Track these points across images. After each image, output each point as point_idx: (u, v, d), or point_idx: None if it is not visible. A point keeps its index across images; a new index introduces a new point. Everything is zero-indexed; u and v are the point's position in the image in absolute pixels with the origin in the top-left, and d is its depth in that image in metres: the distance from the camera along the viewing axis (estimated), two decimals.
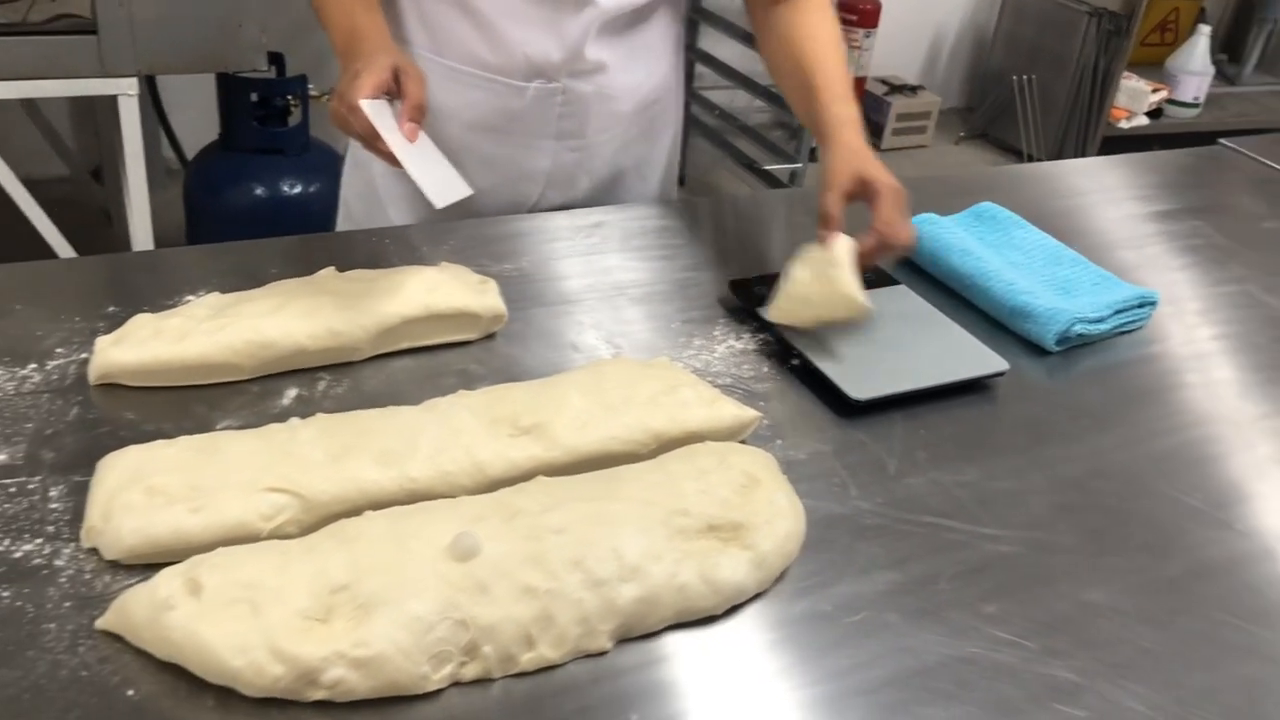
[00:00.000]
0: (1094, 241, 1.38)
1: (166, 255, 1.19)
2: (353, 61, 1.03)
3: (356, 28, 1.08)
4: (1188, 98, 4.16)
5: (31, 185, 2.25)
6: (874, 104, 4.08)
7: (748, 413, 0.95)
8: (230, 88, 2.47)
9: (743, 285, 1.15)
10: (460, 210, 1.29)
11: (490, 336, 1.05)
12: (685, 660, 0.75)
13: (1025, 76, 4.05)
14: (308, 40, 2.76)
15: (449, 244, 1.19)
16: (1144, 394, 1.11)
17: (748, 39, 3.31)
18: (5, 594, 0.73)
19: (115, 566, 0.76)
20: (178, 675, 0.69)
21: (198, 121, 2.84)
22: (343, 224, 1.40)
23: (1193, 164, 1.72)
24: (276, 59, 2.54)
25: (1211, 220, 1.50)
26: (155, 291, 1.05)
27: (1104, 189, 1.58)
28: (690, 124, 3.56)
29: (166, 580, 0.70)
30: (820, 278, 1.05)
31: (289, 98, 2.50)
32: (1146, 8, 4.31)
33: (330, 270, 1.05)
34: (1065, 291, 1.20)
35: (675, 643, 0.76)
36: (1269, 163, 1.71)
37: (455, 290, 1.02)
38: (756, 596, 0.80)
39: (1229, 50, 4.80)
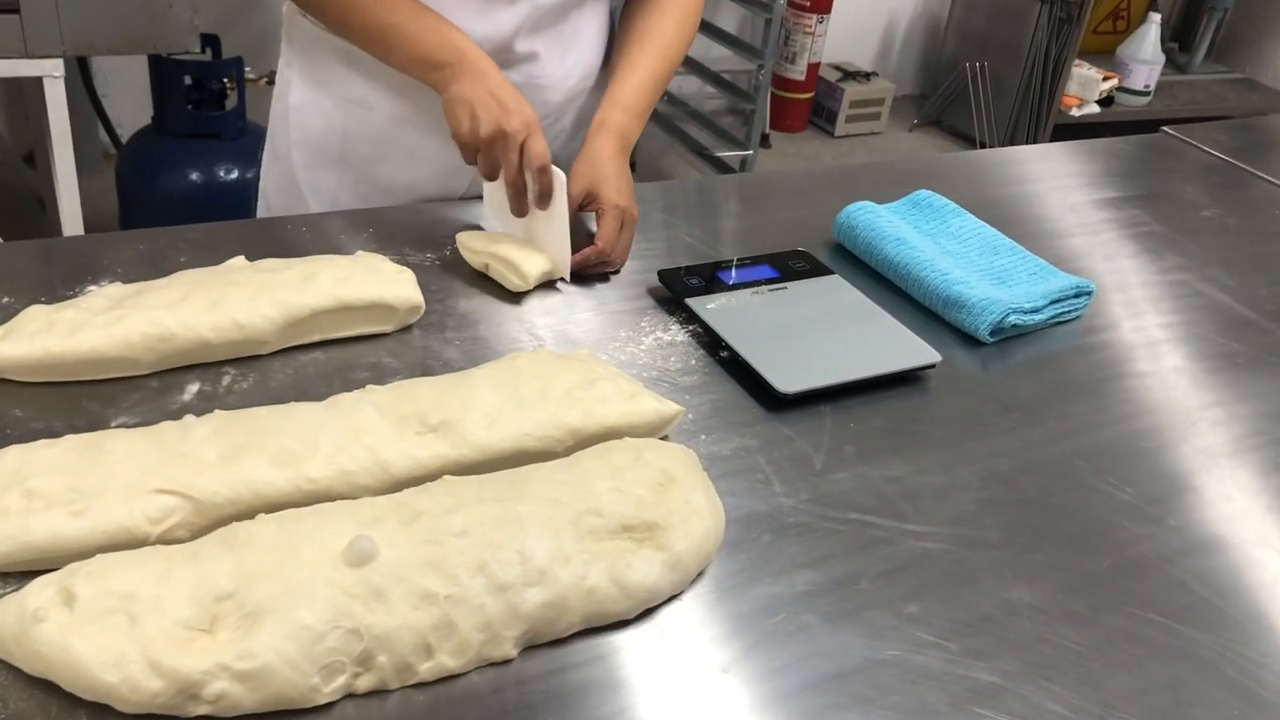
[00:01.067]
0: (1035, 229, 1.37)
1: (69, 243, 1.14)
2: (493, 91, 1.07)
3: (458, 44, 1.09)
4: (1139, 85, 4.18)
5: None
6: (827, 90, 4.06)
7: (669, 407, 0.92)
8: (163, 70, 2.40)
9: (673, 275, 1.12)
10: (385, 200, 1.27)
11: (407, 329, 1.02)
12: (594, 667, 0.72)
13: (978, 64, 4.05)
14: (245, 22, 2.70)
15: (368, 232, 1.15)
16: (1079, 386, 1.09)
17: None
18: None
19: None
20: (49, 691, 0.65)
21: (134, 105, 2.77)
22: (261, 216, 1.35)
23: (1136, 152, 1.71)
24: (212, 41, 2.48)
25: (1152, 208, 1.49)
26: (56, 281, 1.00)
27: (1047, 176, 1.56)
28: None
29: (38, 590, 0.66)
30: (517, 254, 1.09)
31: (224, 81, 2.43)
32: None
33: (240, 259, 1.01)
34: (1001, 281, 1.18)
35: (584, 649, 0.73)
36: (1211, 151, 1.70)
37: (368, 281, 0.99)
38: (671, 599, 0.78)
39: (1180, 39, 4.83)
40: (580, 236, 1.13)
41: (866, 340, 1.07)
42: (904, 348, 1.06)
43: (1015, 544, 0.87)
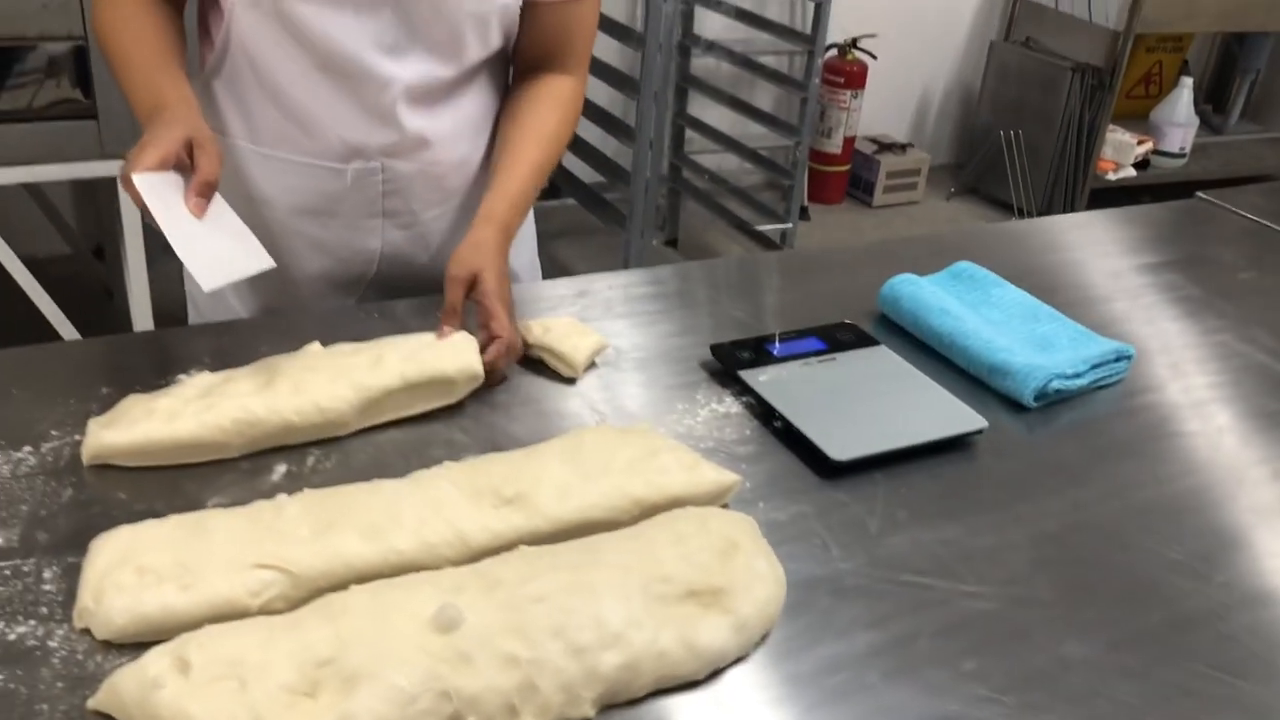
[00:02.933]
0: (1075, 296, 1.41)
1: (159, 336, 1.22)
2: (146, 130, 1.03)
3: (160, 99, 1.08)
4: (1174, 148, 4.21)
5: (35, 264, 2.30)
6: (863, 162, 4.14)
7: (728, 476, 0.96)
8: None
9: (724, 349, 1.17)
10: (289, 296, 1.29)
11: (472, 407, 1.07)
12: None
13: (1012, 132, 4.11)
14: None
15: (438, 314, 1.21)
16: (1123, 447, 1.13)
17: (735, 104, 3.37)
18: (0, 676, 0.74)
19: (107, 646, 0.77)
20: None
21: None
22: (193, 320, 1.37)
23: (1173, 217, 1.76)
24: None
25: (1190, 272, 1.53)
26: (148, 371, 1.07)
27: (1085, 244, 1.61)
28: (682, 187, 3.62)
29: (155, 659, 0.72)
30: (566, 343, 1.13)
31: None
32: (1130, 62, 4.39)
33: (315, 345, 1.07)
34: (1043, 348, 1.22)
35: (658, 709, 0.77)
36: (1246, 214, 1.74)
37: (429, 356, 1.05)
38: (738, 660, 0.81)
39: (1213, 100, 4.88)
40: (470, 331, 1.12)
41: (915, 408, 1.11)
42: (951, 414, 1.11)
43: (1067, 601, 0.91)
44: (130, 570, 0.79)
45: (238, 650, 0.72)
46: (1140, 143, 4.12)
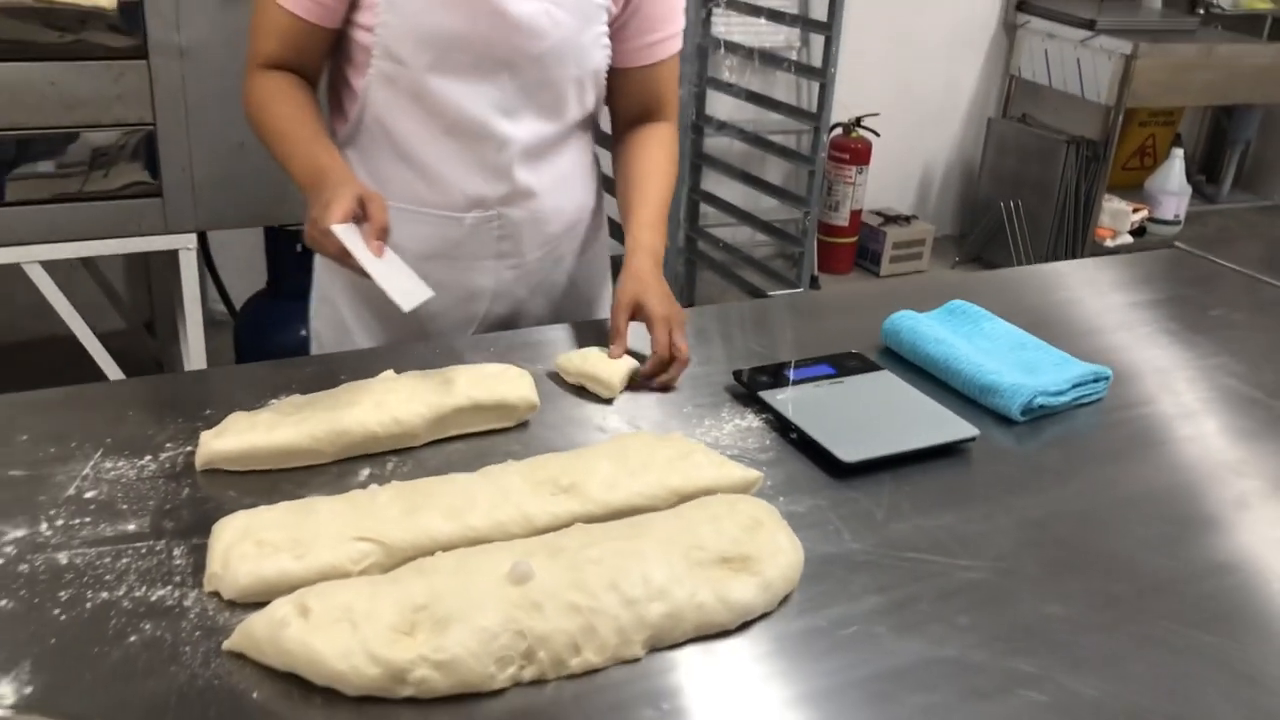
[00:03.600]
0: (1061, 330, 1.55)
1: (252, 368, 1.37)
2: (320, 193, 1.21)
3: (321, 167, 1.27)
4: (1168, 216, 4.39)
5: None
6: (870, 234, 4.33)
7: (752, 473, 1.11)
8: (277, 239, 2.71)
9: (745, 373, 1.32)
10: (412, 330, 1.46)
11: (526, 424, 1.23)
12: (705, 666, 0.90)
13: (1012, 203, 4.30)
14: None
15: (490, 350, 1.38)
16: (1102, 453, 1.27)
17: (746, 179, 3.57)
18: (147, 627, 0.89)
19: (233, 605, 0.92)
20: (291, 682, 0.84)
21: (236, 273, 3.08)
22: (315, 353, 1.55)
23: (1151, 264, 1.91)
24: None
25: (1166, 309, 1.68)
26: (244, 396, 1.23)
27: (1071, 287, 1.77)
28: (698, 258, 3.80)
29: (281, 606, 0.86)
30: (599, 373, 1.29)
31: None
32: (1124, 135, 4.60)
33: (390, 372, 1.23)
34: (1029, 370, 1.37)
35: (697, 651, 0.91)
36: (1215, 260, 1.90)
37: (495, 384, 1.20)
38: (764, 616, 0.95)
39: (1207, 171, 5.08)
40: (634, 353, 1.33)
41: (915, 420, 1.26)
42: (947, 424, 1.25)
43: (1049, 573, 1.04)
44: (250, 543, 0.94)
45: (348, 599, 0.87)
46: (1136, 210, 4.30)
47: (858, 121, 4.10)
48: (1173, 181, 4.36)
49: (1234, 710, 0.89)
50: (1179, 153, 4.38)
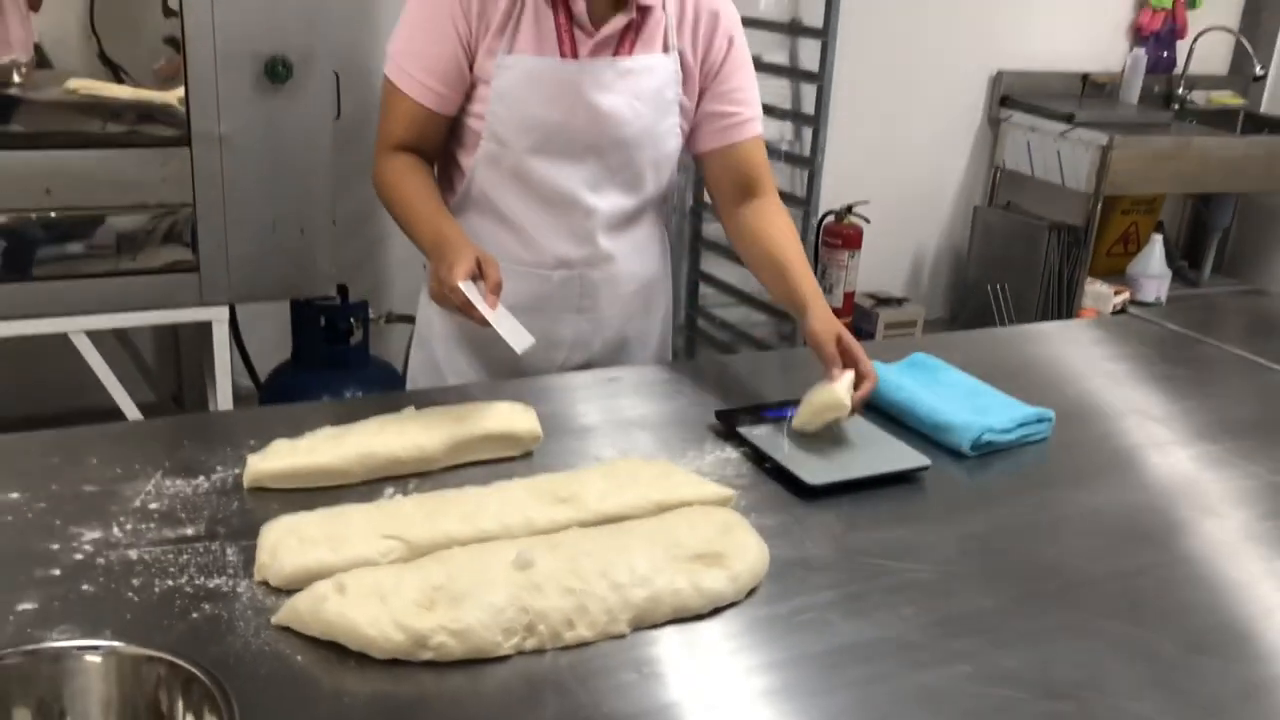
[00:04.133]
0: (1019, 383, 1.72)
1: (285, 409, 1.55)
2: (445, 256, 1.41)
3: (442, 233, 1.48)
4: (1149, 298, 4.57)
5: (119, 411, 2.64)
6: (863, 315, 4.51)
7: (725, 490, 1.28)
8: (302, 313, 2.90)
9: (726, 413, 1.49)
10: (506, 371, 1.66)
11: (531, 454, 1.39)
12: (680, 643, 1.06)
13: (999, 286, 4.49)
14: (367, 270, 3.23)
15: (501, 395, 1.54)
16: (1041, 482, 1.44)
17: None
18: (206, 607, 1.05)
19: (278, 591, 1.07)
20: (329, 649, 1.00)
21: (260, 345, 3.27)
22: (409, 388, 1.76)
23: (1107, 327, 2.09)
24: (340, 288, 2.99)
25: (1117, 365, 1.85)
26: (282, 429, 1.39)
27: (1033, 345, 1.94)
28: (698, 335, 3.99)
29: (321, 585, 1.02)
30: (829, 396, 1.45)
31: (351, 320, 2.92)
32: (1107, 223, 4.81)
33: (411, 409, 1.40)
34: (979, 412, 1.53)
35: (674, 631, 1.07)
36: (1163, 323, 2.07)
37: (504, 417, 1.37)
38: (733, 604, 1.11)
39: (1189, 257, 5.27)
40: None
41: (874, 452, 1.42)
42: (903, 455, 1.42)
43: (984, 574, 1.20)
44: (294, 540, 1.10)
45: (377, 579, 1.03)
46: (1118, 293, 4.49)
47: (849, 209, 4.31)
48: (1153, 266, 4.55)
49: (1131, 677, 1.04)
50: (1159, 238, 4.58)
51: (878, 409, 1.59)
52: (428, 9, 1.54)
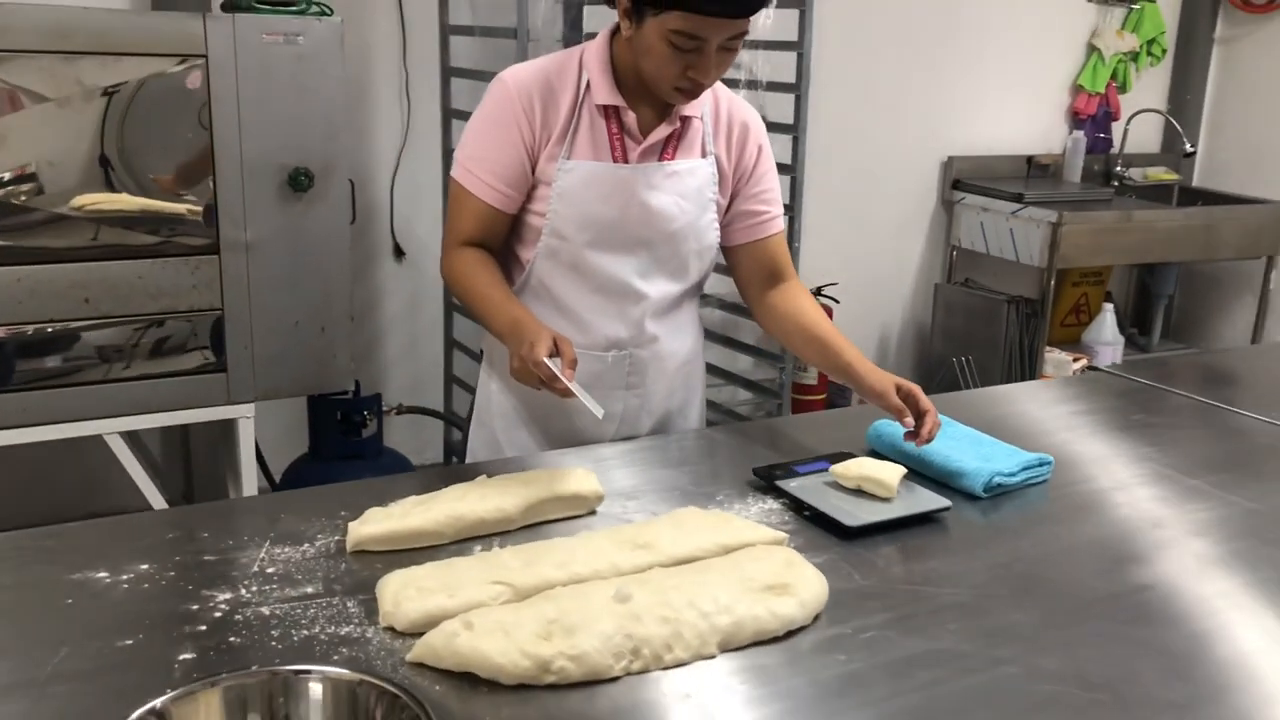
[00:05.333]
0: (1011, 433, 1.90)
1: (364, 483, 1.68)
2: (524, 336, 1.59)
3: (517, 317, 1.65)
4: (1105, 364, 4.82)
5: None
6: (838, 391, 4.71)
7: (779, 534, 1.44)
8: (319, 407, 3.03)
9: (763, 469, 1.65)
10: (560, 443, 1.81)
11: (595, 512, 1.54)
12: (766, 660, 1.20)
13: (963, 358, 4.72)
14: (372, 363, 3.38)
15: (559, 464, 1.70)
16: (1049, 517, 1.61)
17: (725, 341, 3.97)
18: (345, 650, 1.18)
19: (403, 636, 1.21)
20: (460, 679, 1.13)
21: (275, 443, 3.39)
22: (469, 460, 1.92)
23: (1079, 384, 2.29)
24: (354, 382, 3.13)
25: (1093, 416, 2.05)
26: (367, 500, 1.53)
27: (1015, 401, 2.13)
28: None
29: (451, 624, 1.16)
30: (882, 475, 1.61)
31: (365, 413, 3.06)
32: (1059, 295, 5.09)
33: (483, 477, 1.55)
34: (986, 459, 1.71)
35: (756, 651, 1.22)
36: (1130, 377, 2.28)
37: (572, 481, 1.53)
38: (803, 627, 1.26)
39: (1139, 324, 5.56)
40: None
41: (900, 495, 1.59)
42: (926, 499, 1.59)
43: (1014, 595, 1.36)
44: (413, 590, 1.24)
45: (499, 616, 1.17)
46: (1076, 360, 4.74)
47: (819, 290, 4.54)
48: (1106, 333, 4.82)
49: (1154, 670, 1.21)
50: (1109, 307, 4.86)
51: (892, 460, 1.76)
52: (494, 120, 1.73)
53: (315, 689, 0.96)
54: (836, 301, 4.57)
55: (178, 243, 2.59)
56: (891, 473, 1.60)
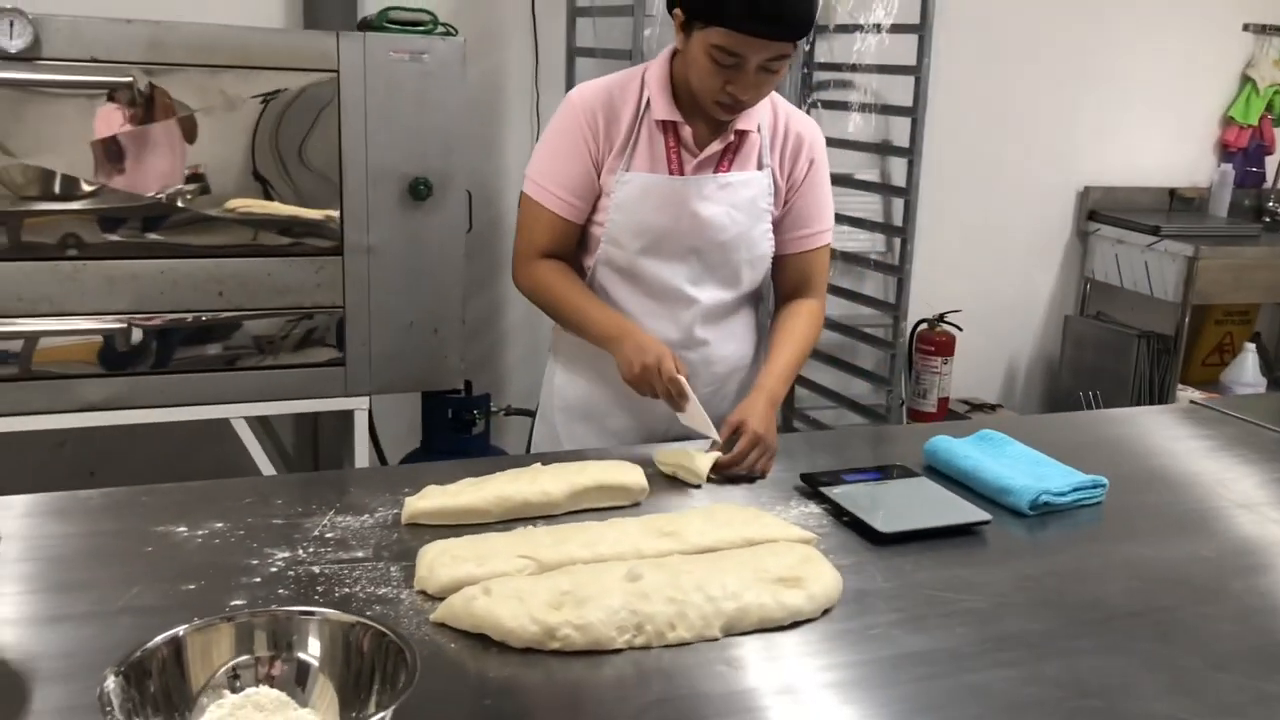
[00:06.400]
0: (1093, 456, 1.89)
1: (431, 465, 1.80)
2: (647, 348, 1.73)
3: (622, 325, 1.80)
4: None
5: None
6: (955, 416, 4.66)
7: (808, 533, 1.48)
8: (432, 404, 3.20)
9: (811, 475, 1.70)
10: (616, 440, 1.90)
11: (639, 504, 1.62)
12: (764, 645, 1.26)
13: (1092, 393, 4.60)
14: (489, 368, 3.53)
15: (609, 458, 1.78)
16: (1093, 537, 1.61)
17: (835, 363, 3.99)
18: (378, 608, 1.29)
19: (434, 599, 1.31)
20: (475, 640, 1.23)
21: (394, 439, 3.58)
22: (533, 450, 2.03)
23: (1173, 415, 2.24)
24: (466, 382, 3.29)
25: (1176, 444, 2.01)
26: (432, 480, 1.64)
27: (1120, 428, 2.11)
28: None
29: (471, 589, 1.26)
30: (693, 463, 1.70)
31: (474, 412, 3.21)
32: (1202, 333, 4.92)
33: (538, 464, 1.65)
34: (1038, 478, 1.71)
35: (759, 638, 1.27)
36: (1229, 413, 2.22)
37: (616, 472, 1.61)
38: (810, 619, 1.31)
39: None
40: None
41: (940, 507, 1.62)
42: (966, 511, 1.61)
43: (1033, 606, 1.37)
44: (447, 558, 1.34)
45: (517, 585, 1.26)
46: (1209, 398, 4.56)
47: (941, 317, 4.51)
48: (1246, 374, 4.61)
49: (1156, 684, 1.21)
50: (1251, 347, 4.65)
51: (947, 475, 1.78)
52: (562, 136, 1.84)
53: (314, 627, 1.06)
54: (959, 329, 4.52)
55: (306, 244, 2.79)
56: (703, 461, 1.68)
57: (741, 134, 1.84)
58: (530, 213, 1.88)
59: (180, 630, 1.02)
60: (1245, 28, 4.86)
